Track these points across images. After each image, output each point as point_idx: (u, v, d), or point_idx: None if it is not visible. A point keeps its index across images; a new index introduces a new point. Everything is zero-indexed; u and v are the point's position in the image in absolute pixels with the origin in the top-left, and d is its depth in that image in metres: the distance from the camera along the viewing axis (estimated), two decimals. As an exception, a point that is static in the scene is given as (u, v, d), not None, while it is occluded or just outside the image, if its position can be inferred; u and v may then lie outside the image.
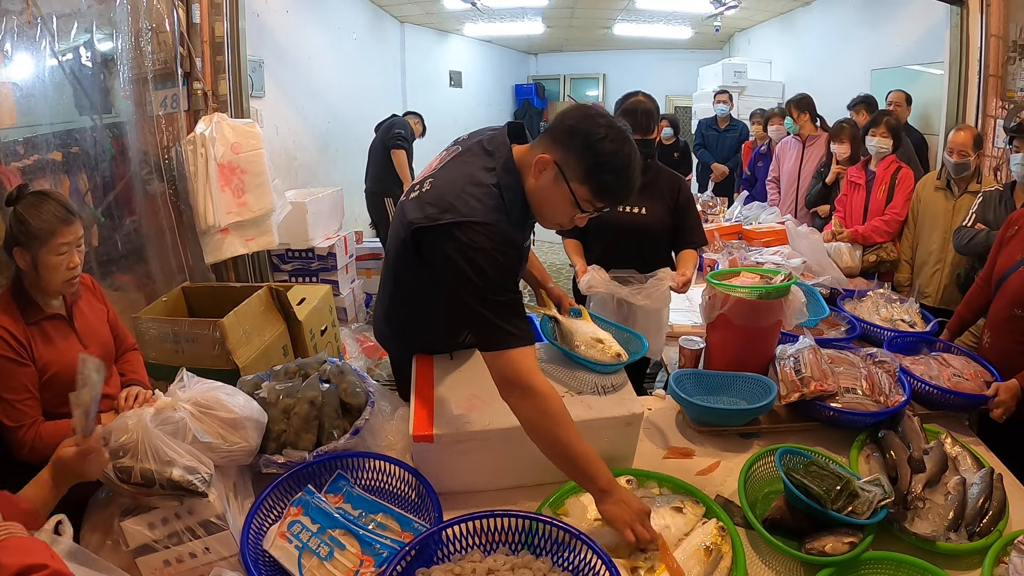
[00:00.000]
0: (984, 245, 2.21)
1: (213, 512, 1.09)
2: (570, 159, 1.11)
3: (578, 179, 1.12)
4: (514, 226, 1.17)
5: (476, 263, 1.10)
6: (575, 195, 1.13)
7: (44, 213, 1.29)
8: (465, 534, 1.05)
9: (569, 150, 1.11)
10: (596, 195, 1.13)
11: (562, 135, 1.13)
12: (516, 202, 1.18)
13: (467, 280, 1.11)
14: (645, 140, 1.99)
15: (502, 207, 1.16)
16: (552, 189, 1.15)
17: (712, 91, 5.50)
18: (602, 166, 1.10)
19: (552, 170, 1.13)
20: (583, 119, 1.12)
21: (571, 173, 1.12)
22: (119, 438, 1.15)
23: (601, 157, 1.10)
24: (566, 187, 1.13)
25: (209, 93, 2.96)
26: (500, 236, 1.12)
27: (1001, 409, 1.50)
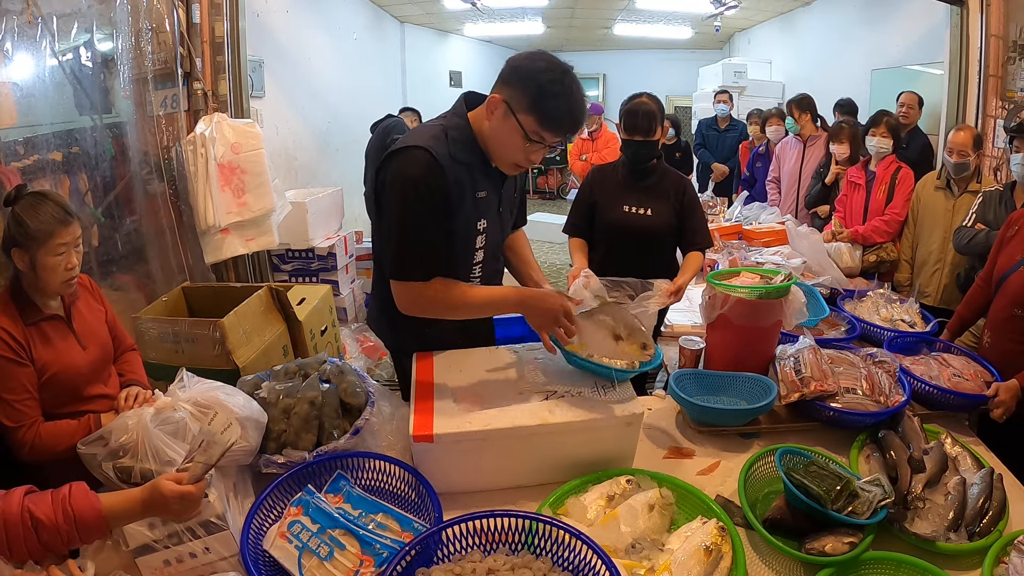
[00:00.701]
0: (984, 245, 2.21)
1: (213, 512, 1.09)
2: (515, 93, 1.20)
3: (524, 110, 1.20)
4: (455, 162, 1.25)
5: (402, 190, 1.23)
6: (523, 126, 1.21)
7: (42, 214, 1.28)
8: (465, 534, 1.05)
9: (514, 86, 1.20)
10: (542, 124, 1.20)
11: (508, 74, 1.22)
12: (462, 141, 1.28)
13: (390, 207, 1.25)
14: (647, 142, 1.99)
15: (442, 140, 1.26)
16: (503, 126, 1.23)
17: (712, 91, 5.50)
18: (543, 94, 1.18)
19: (501, 107, 1.22)
20: (526, 58, 1.22)
21: (517, 105, 1.20)
22: (119, 438, 1.15)
23: (542, 87, 1.18)
24: (515, 120, 1.21)
25: (209, 93, 2.96)
26: (426, 160, 1.21)
27: (1001, 409, 1.50)
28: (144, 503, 0.98)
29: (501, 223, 1.47)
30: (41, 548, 0.91)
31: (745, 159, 4.61)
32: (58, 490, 0.95)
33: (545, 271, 1.68)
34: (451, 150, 1.26)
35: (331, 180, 4.74)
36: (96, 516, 0.94)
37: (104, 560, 1.06)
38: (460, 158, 1.27)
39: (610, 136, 5.34)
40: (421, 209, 1.24)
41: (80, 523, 0.92)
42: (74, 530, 0.92)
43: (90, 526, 0.94)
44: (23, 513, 0.90)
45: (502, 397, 1.30)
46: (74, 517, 0.92)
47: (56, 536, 0.91)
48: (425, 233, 1.26)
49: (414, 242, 1.26)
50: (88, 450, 1.17)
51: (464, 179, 1.28)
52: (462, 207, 1.30)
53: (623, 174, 2.09)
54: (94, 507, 0.94)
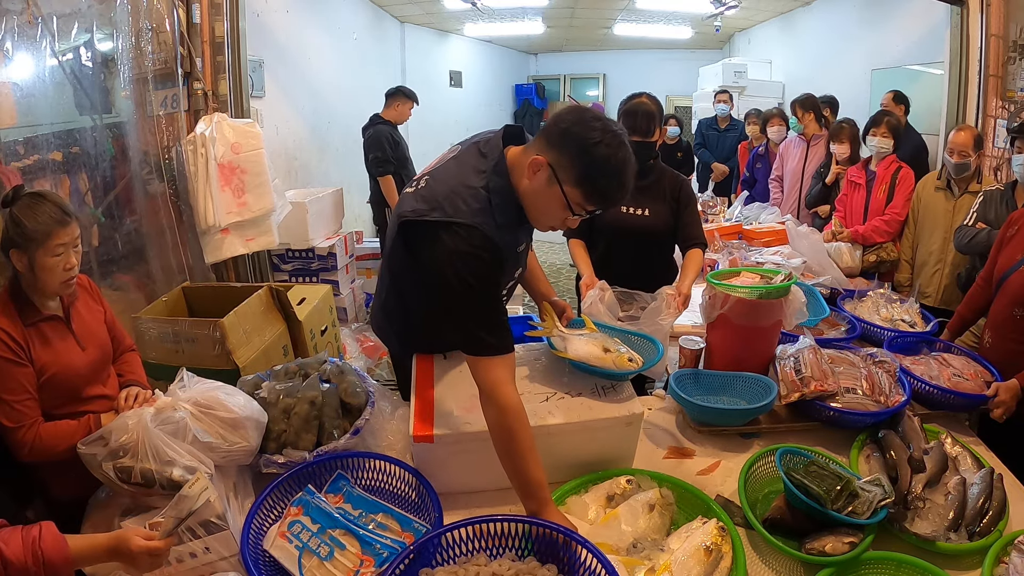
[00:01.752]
0: (985, 244, 2.21)
1: (213, 512, 1.09)
2: (564, 162, 1.11)
3: (571, 182, 1.12)
4: (501, 230, 1.17)
5: (457, 268, 1.12)
6: (567, 198, 1.13)
7: (40, 215, 1.28)
8: (467, 538, 1.04)
9: (563, 153, 1.11)
10: (588, 198, 1.13)
11: (557, 138, 1.12)
12: (505, 205, 1.18)
13: (447, 285, 1.13)
14: (645, 143, 1.98)
15: (488, 210, 1.16)
16: (545, 191, 1.14)
17: (712, 91, 5.50)
18: (596, 170, 1.10)
19: (545, 172, 1.13)
20: (578, 122, 1.11)
21: (564, 176, 1.12)
22: (119, 438, 1.15)
23: (595, 161, 1.10)
24: (559, 189, 1.12)
25: (209, 93, 2.96)
26: (481, 239, 1.13)
27: (1001, 409, 1.50)
28: (109, 552, 1.00)
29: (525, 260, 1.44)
30: None
31: (744, 159, 4.60)
32: (28, 529, 0.96)
33: (545, 270, 1.68)
34: (497, 220, 1.17)
35: (331, 180, 4.74)
36: (64, 560, 0.95)
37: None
38: (503, 223, 1.18)
39: None
40: (487, 290, 1.17)
41: (48, 566, 0.94)
42: (42, 571, 0.93)
43: (58, 569, 0.95)
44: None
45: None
46: (43, 560, 0.93)
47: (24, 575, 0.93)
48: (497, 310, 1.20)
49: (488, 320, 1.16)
50: (88, 450, 1.17)
51: (509, 241, 1.23)
52: (505, 268, 1.25)
53: None
54: (63, 552, 0.95)
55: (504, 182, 1.19)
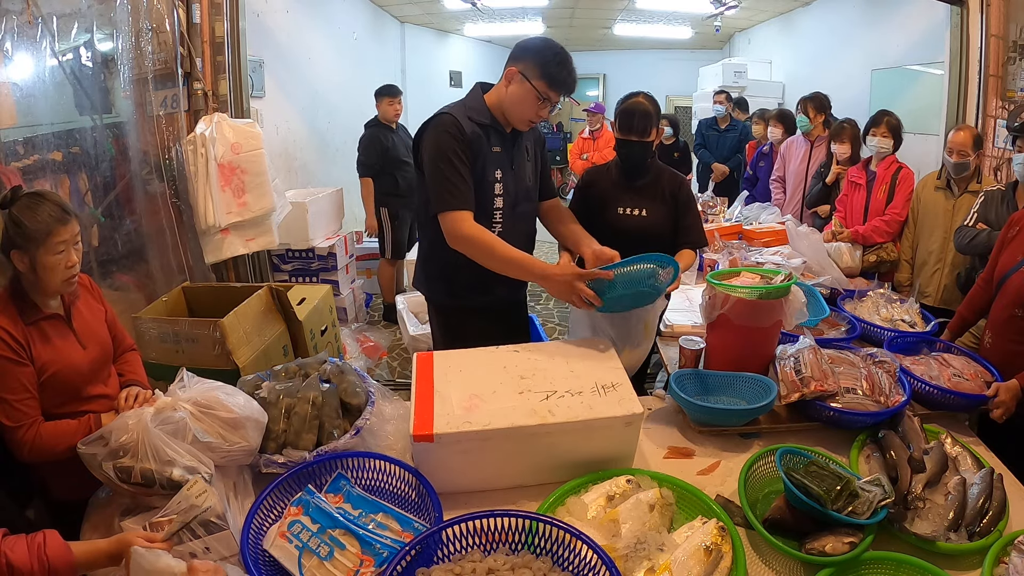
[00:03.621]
0: (985, 245, 2.21)
1: (213, 512, 1.09)
2: (528, 65, 1.62)
3: (536, 77, 1.61)
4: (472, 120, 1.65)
5: (434, 142, 1.62)
6: (536, 89, 1.61)
7: (40, 214, 1.28)
8: (465, 534, 1.05)
9: (527, 60, 1.62)
10: (551, 86, 1.62)
11: (520, 52, 1.65)
12: (475, 107, 1.69)
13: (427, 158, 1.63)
14: (642, 142, 1.98)
15: (460, 107, 1.68)
16: (519, 90, 1.63)
17: (712, 91, 5.50)
18: (550, 63, 1.61)
19: (517, 76, 1.63)
20: (531, 40, 1.66)
21: (531, 74, 1.61)
22: (119, 438, 1.15)
23: (548, 58, 1.61)
24: (529, 84, 1.61)
25: (209, 93, 2.96)
26: (450, 121, 1.62)
27: (1001, 409, 1.50)
28: (111, 557, 1.00)
29: (516, 180, 1.76)
30: None
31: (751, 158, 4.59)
32: (33, 536, 0.97)
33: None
34: (468, 114, 1.66)
35: (331, 180, 4.74)
36: (68, 566, 0.96)
37: (104, 560, 1.06)
38: (476, 120, 1.66)
39: (611, 136, 5.33)
40: (449, 152, 1.60)
41: (53, 572, 0.95)
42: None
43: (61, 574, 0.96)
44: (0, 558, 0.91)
45: (502, 397, 1.30)
46: (48, 565, 0.94)
47: None
48: (455, 169, 1.60)
49: (447, 177, 1.60)
50: (88, 450, 1.17)
51: (480, 135, 1.65)
52: (479, 157, 1.65)
53: (616, 175, 2.08)
54: (67, 558, 0.96)
55: (477, 96, 1.71)
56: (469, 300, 1.81)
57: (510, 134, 1.73)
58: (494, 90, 1.71)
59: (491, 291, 1.79)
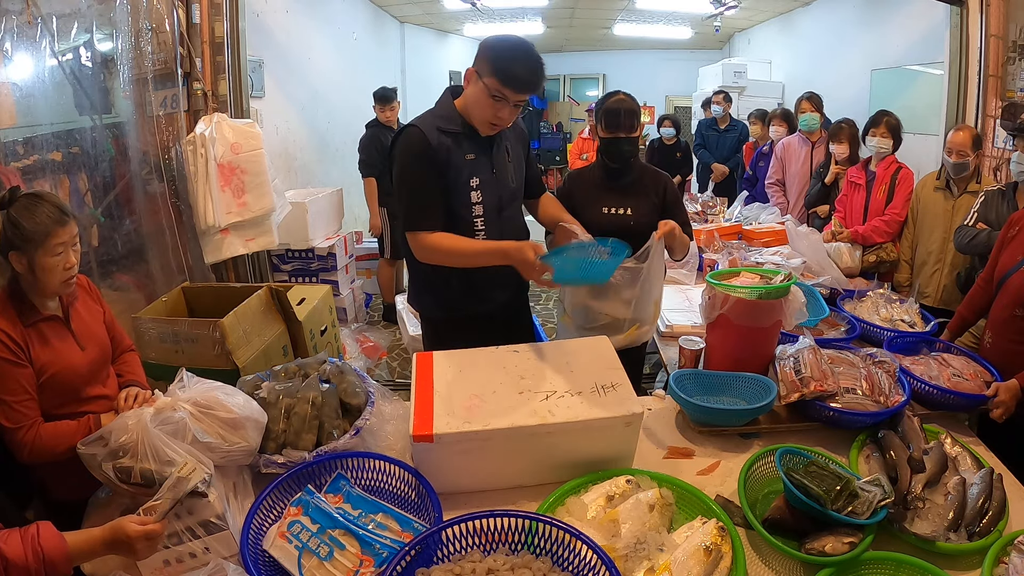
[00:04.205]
0: (985, 245, 2.20)
1: (213, 512, 1.09)
2: (481, 63, 1.51)
3: (488, 73, 1.49)
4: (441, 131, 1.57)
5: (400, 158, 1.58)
6: (488, 87, 1.49)
7: (37, 215, 1.27)
8: (465, 534, 1.05)
9: (481, 57, 1.51)
10: (503, 83, 1.48)
11: (479, 51, 1.53)
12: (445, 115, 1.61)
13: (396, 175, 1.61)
14: (630, 138, 1.99)
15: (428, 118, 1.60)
16: (474, 91, 1.53)
17: (711, 91, 5.50)
18: (502, 58, 1.48)
19: (473, 76, 1.53)
20: (493, 37, 1.55)
21: (483, 71, 1.50)
22: (119, 438, 1.15)
23: (501, 53, 1.50)
24: (482, 83, 1.50)
25: (209, 93, 2.96)
26: (416, 134, 1.55)
27: (1001, 409, 1.50)
28: (106, 544, 1.00)
29: (498, 184, 1.68)
30: None
31: (749, 159, 4.59)
32: (26, 529, 0.96)
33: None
34: (437, 123, 1.58)
35: (331, 180, 4.74)
36: (63, 556, 0.96)
37: (104, 560, 1.06)
38: (445, 128, 1.57)
39: None
40: (414, 169, 1.56)
41: (48, 562, 0.94)
42: (42, 569, 0.94)
43: (57, 567, 0.96)
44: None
45: (502, 397, 1.30)
46: (43, 556, 0.94)
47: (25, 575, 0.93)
48: (420, 188, 1.57)
49: (412, 196, 1.58)
50: (88, 450, 1.17)
51: (451, 144, 1.57)
52: (450, 167, 1.58)
53: (599, 175, 2.06)
54: (61, 548, 0.96)
55: (447, 102, 1.63)
56: (465, 310, 1.75)
57: (486, 139, 1.64)
58: (462, 98, 1.62)
59: (489, 298, 1.75)
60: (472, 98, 1.55)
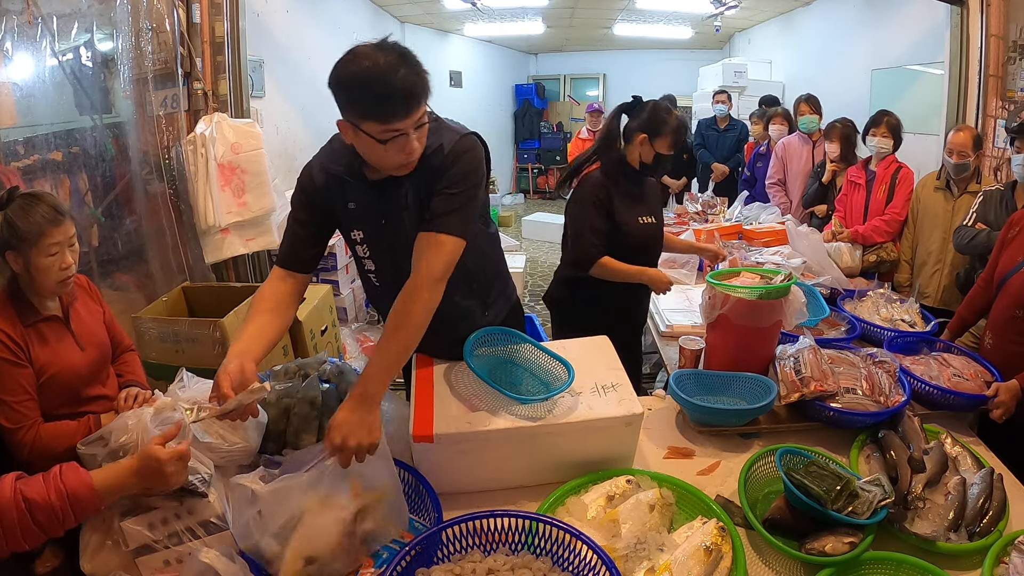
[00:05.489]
0: (985, 245, 2.21)
1: (213, 512, 1.09)
2: (345, 110, 1.14)
3: (360, 119, 1.12)
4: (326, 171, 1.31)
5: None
6: (371, 134, 1.12)
7: (32, 215, 1.28)
8: (465, 534, 1.05)
9: (342, 104, 1.14)
10: (380, 119, 1.11)
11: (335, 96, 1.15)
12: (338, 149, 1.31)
13: None
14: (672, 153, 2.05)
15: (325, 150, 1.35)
16: (361, 142, 1.17)
17: (712, 91, 5.50)
18: (360, 93, 1.10)
19: (348, 128, 1.16)
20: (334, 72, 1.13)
21: (354, 117, 1.13)
22: (119, 438, 1.15)
23: (353, 88, 1.10)
24: (364, 135, 1.13)
25: (209, 93, 2.96)
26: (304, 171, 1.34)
27: (1001, 409, 1.50)
28: (135, 472, 0.99)
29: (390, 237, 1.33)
30: (36, 530, 0.91)
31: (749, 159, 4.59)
32: (48, 471, 0.95)
33: (544, 271, 1.68)
34: (325, 161, 1.32)
35: (331, 180, 4.73)
36: (88, 490, 0.94)
37: (104, 560, 1.06)
38: (331, 169, 1.30)
39: None
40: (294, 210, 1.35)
41: (73, 499, 0.92)
42: (68, 506, 0.92)
43: (83, 501, 0.93)
44: (15, 495, 0.90)
45: (502, 397, 1.30)
46: (67, 493, 0.92)
47: (51, 515, 0.91)
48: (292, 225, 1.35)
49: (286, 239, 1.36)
50: (88, 450, 1.17)
51: (334, 189, 1.31)
52: (334, 213, 1.34)
53: (626, 185, 2.02)
54: (86, 482, 0.94)
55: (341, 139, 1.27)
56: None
57: (375, 183, 1.29)
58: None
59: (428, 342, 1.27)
60: (365, 151, 1.19)
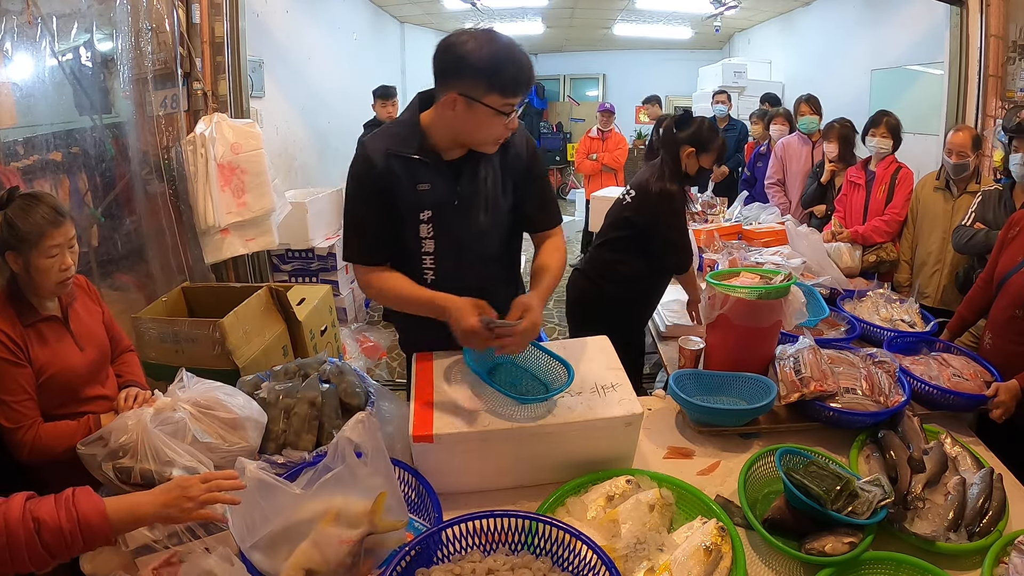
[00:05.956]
0: (984, 245, 2.21)
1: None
2: (468, 83, 1.21)
3: (485, 92, 1.21)
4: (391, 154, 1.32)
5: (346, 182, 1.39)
6: (492, 106, 1.22)
7: (33, 216, 1.28)
8: (465, 534, 1.05)
9: (462, 77, 1.21)
10: (506, 92, 1.22)
11: (451, 70, 1.23)
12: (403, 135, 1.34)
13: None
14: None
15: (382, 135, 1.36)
16: (471, 115, 1.25)
17: (712, 91, 5.50)
18: (495, 69, 1.20)
19: (460, 101, 1.23)
20: (447, 49, 1.22)
21: (477, 92, 1.21)
22: (119, 438, 1.15)
23: (487, 64, 1.19)
24: (480, 105, 1.22)
25: (209, 93, 2.96)
26: (361, 153, 1.35)
27: (1001, 409, 1.49)
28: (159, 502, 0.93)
29: (462, 219, 1.39)
30: (44, 553, 0.87)
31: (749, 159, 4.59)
32: (61, 493, 0.91)
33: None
34: (388, 145, 1.33)
35: (331, 180, 4.74)
36: (100, 517, 0.89)
37: (104, 560, 1.06)
38: (401, 152, 1.32)
39: (620, 137, 5.35)
40: (352, 198, 1.38)
41: (84, 524, 0.88)
42: (78, 531, 0.88)
43: (94, 528, 0.89)
44: (25, 515, 0.86)
45: (502, 397, 1.30)
46: (77, 517, 0.88)
47: (59, 538, 0.87)
48: (355, 219, 1.39)
49: (348, 227, 1.40)
50: (88, 451, 1.17)
51: (400, 171, 1.33)
52: (398, 195, 1.35)
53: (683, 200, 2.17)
54: (98, 508, 0.90)
55: (410, 119, 1.35)
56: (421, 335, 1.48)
57: (452, 164, 1.36)
58: (431, 112, 1.33)
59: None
60: (471, 123, 1.26)
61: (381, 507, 1.00)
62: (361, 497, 1.01)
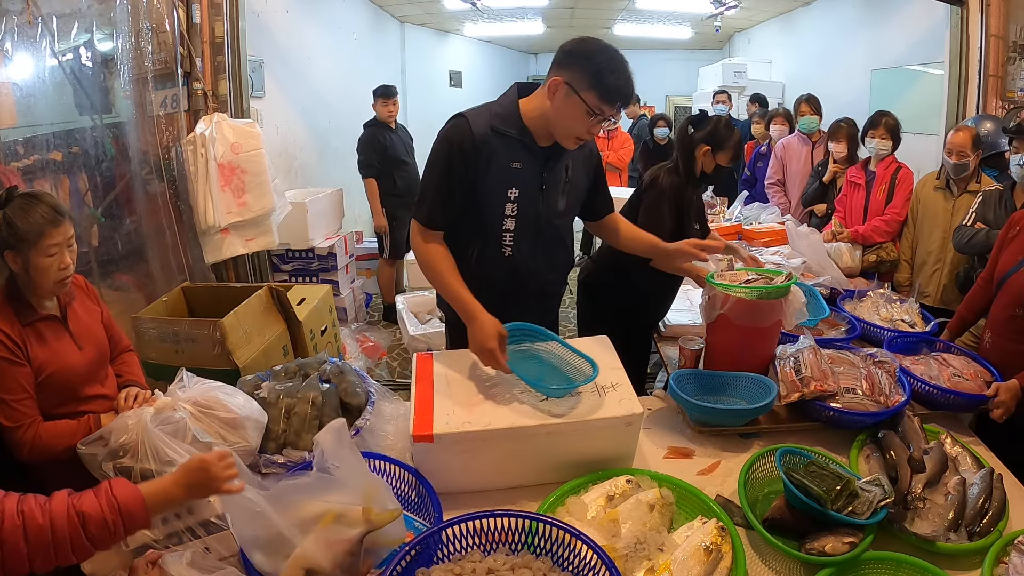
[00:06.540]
0: (984, 245, 2.21)
1: (213, 512, 1.09)
2: (575, 74, 1.34)
3: (586, 88, 1.33)
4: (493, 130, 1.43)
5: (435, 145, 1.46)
6: (586, 102, 1.34)
7: (32, 215, 1.28)
8: (465, 534, 1.05)
9: (574, 68, 1.34)
10: (602, 98, 1.34)
11: (565, 59, 1.36)
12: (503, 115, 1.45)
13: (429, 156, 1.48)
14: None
15: (484, 112, 1.46)
16: (566, 105, 1.37)
17: (712, 91, 5.51)
18: (602, 72, 1.33)
19: (563, 88, 1.35)
20: (579, 43, 1.37)
21: (579, 85, 1.33)
22: (119, 438, 1.15)
23: (600, 64, 1.33)
24: (577, 98, 1.34)
25: (209, 93, 2.96)
26: (462, 123, 1.43)
27: (1001, 409, 1.49)
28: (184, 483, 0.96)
29: (545, 201, 1.54)
30: (88, 544, 0.90)
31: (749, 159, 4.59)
32: (98, 486, 0.94)
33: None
34: (491, 121, 1.44)
35: (331, 180, 4.74)
36: (139, 504, 0.93)
37: (104, 560, 1.05)
38: (499, 129, 1.44)
39: (625, 136, 5.36)
40: (440, 161, 1.44)
41: (125, 512, 0.92)
42: (119, 519, 0.91)
43: (135, 515, 0.93)
44: (69, 511, 0.89)
45: (502, 397, 1.30)
46: (119, 506, 0.91)
47: (103, 529, 0.90)
48: (438, 180, 1.45)
49: (427, 185, 1.47)
50: (88, 450, 1.17)
51: (498, 147, 1.44)
52: (490, 169, 1.45)
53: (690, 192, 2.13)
54: (136, 496, 0.93)
55: (509, 102, 1.46)
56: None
57: (544, 150, 1.48)
58: (533, 98, 1.46)
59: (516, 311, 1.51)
60: (562, 112, 1.38)
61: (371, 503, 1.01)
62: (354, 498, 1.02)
